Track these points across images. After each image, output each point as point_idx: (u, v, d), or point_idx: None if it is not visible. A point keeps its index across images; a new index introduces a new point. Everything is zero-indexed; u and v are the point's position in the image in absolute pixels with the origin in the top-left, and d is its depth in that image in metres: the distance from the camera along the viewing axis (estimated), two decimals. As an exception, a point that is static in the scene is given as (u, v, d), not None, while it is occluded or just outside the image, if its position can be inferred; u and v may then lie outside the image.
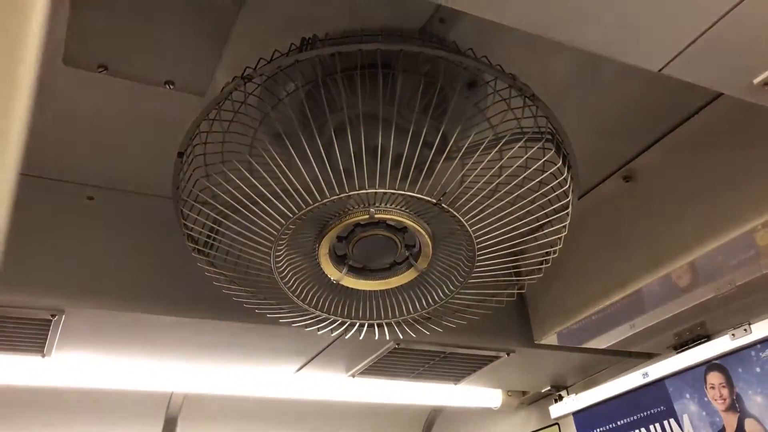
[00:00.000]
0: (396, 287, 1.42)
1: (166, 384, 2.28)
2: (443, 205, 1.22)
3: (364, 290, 1.42)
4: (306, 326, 1.52)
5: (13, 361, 1.95)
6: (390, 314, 1.52)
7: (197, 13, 1.26)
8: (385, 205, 1.22)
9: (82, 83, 1.41)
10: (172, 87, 1.41)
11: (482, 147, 1.20)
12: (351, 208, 1.22)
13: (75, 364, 2.05)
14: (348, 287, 1.43)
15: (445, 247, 1.35)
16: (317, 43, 1.20)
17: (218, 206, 1.26)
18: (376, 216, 1.22)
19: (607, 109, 1.66)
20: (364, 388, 2.49)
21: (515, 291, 1.53)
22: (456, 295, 1.45)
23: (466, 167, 1.21)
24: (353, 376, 2.32)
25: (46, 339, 1.78)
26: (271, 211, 1.22)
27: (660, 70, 1.04)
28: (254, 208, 1.22)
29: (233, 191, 1.21)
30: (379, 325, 1.48)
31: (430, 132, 1.19)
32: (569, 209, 1.35)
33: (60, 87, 1.42)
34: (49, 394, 2.26)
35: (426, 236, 1.28)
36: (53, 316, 1.64)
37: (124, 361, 2.09)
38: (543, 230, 1.39)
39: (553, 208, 1.31)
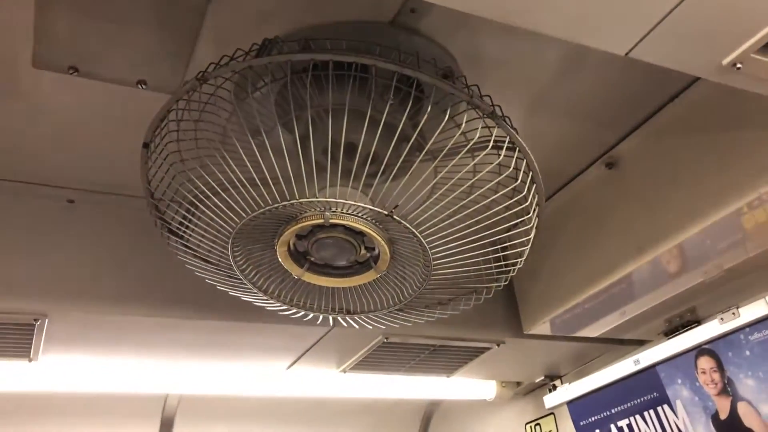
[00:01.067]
0: (357, 285, 1.42)
1: (160, 386, 2.28)
2: (395, 216, 1.21)
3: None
4: (268, 307, 1.52)
5: (1, 367, 1.95)
6: (353, 308, 1.51)
7: (166, 11, 1.25)
8: (341, 210, 1.20)
9: (54, 85, 1.40)
10: (144, 87, 1.40)
11: (441, 155, 1.18)
12: (307, 211, 1.21)
13: (64, 368, 2.05)
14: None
15: (405, 251, 1.34)
16: (279, 44, 1.19)
17: (180, 200, 1.25)
18: (331, 221, 1.21)
19: (586, 96, 1.65)
20: (358, 383, 2.49)
21: (475, 297, 1.52)
22: (416, 297, 1.44)
23: (422, 177, 1.19)
24: (344, 371, 2.32)
25: (31, 343, 1.77)
26: (220, 212, 1.22)
27: (627, 54, 1.04)
28: (208, 203, 1.21)
29: (191, 187, 1.20)
30: (343, 318, 1.48)
31: (396, 131, 1.17)
32: (533, 224, 1.34)
33: (31, 89, 1.41)
34: (40, 399, 2.26)
35: (383, 242, 1.27)
36: (36, 320, 1.64)
37: (116, 363, 2.09)
38: (503, 244, 1.38)
39: (514, 223, 1.30)
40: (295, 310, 1.47)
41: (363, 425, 2.97)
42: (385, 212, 1.20)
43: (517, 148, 1.23)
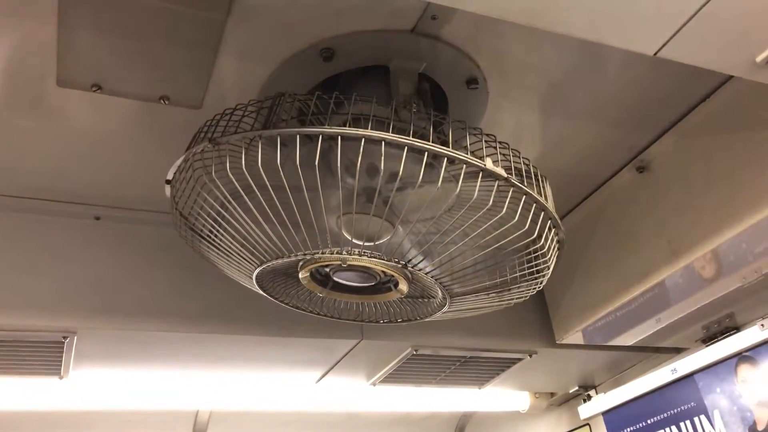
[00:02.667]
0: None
1: (190, 401, 2.28)
2: (410, 268, 1.22)
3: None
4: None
5: (33, 385, 1.96)
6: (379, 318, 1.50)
7: (185, 27, 1.24)
8: (359, 253, 1.20)
9: (78, 103, 1.41)
10: (167, 102, 1.40)
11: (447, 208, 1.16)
12: (324, 254, 1.20)
13: (94, 385, 2.05)
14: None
15: (424, 281, 1.32)
16: (289, 102, 1.18)
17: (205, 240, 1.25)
18: (348, 263, 1.21)
19: (614, 98, 1.61)
20: (388, 396, 2.46)
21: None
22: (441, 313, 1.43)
23: (434, 220, 1.18)
24: (374, 384, 2.29)
25: (61, 360, 1.78)
26: (239, 256, 1.21)
27: (656, 54, 1.00)
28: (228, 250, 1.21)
29: (208, 233, 1.20)
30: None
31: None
32: (549, 265, 1.31)
33: (57, 108, 1.42)
34: (71, 416, 2.28)
35: (401, 277, 1.27)
36: (65, 337, 1.65)
37: (145, 378, 2.10)
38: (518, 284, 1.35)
39: (529, 268, 1.28)
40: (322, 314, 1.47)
41: (395, 438, 2.94)
42: (400, 264, 1.20)
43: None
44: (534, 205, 1.15)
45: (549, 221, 1.20)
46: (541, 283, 1.32)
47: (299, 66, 1.35)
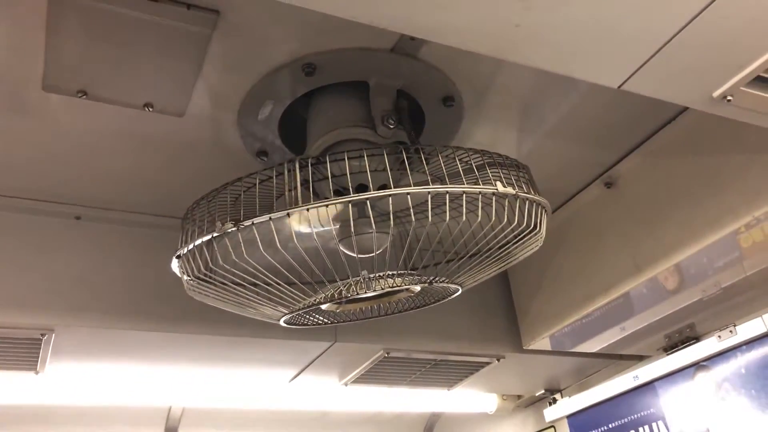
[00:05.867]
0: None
1: (163, 398, 2.31)
2: (434, 283, 1.29)
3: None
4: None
5: (8, 379, 1.98)
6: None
7: (172, 38, 1.28)
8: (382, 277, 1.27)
9: (63, 107, 1.44)
10: (151, 109, 1.44)
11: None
12: (350, 287, 1.27)
13: (70, 380, 2.08)
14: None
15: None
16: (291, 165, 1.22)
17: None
18: (376, 291, 1.27)
19: (584, 118, 1.68)
20: (360, 396, 2.51)
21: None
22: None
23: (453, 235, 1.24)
24: (346, 384, 2.35)
25: (38, 357, 1.81)
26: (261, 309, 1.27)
27: (619, 87, 1.06)
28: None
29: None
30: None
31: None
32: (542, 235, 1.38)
33: (41, 111, 1.44)
34: (45, 410, 2.29)
35: (416, 286, 1.33)
36: (43, 335, 1.67)
37: (120, 375, 2.12)
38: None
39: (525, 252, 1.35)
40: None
41: (365, 436, 2.99)
42: (427, 282, 1.27)
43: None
44: (535, 204, 1.23)
45: (542, 210, 1.27)
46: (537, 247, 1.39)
47: (281, 79, 1.39)
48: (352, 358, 2.14)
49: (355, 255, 1.22)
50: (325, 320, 1.45)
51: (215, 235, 1.11)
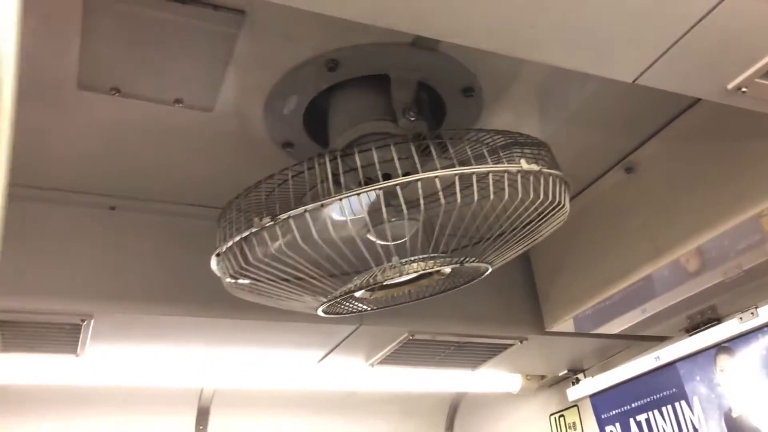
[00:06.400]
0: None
1: (196, 380, 2.40)
2: (465, 264, 1.33)
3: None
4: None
5: (50, 361, 2.08)
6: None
7: (200, 37, 1.33)
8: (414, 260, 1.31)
9: (98, 103, 1.50)
10: (180, 105, 1.49)
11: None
12: (384, 273, 1.31)
13: (108, 363, 2.17)
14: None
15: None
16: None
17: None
18: (409, 274, 1.32)
19: (604, 103, 1.69)
20: (386, 376, 2.58)
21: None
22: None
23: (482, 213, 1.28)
24: (372, 365, 2.41)
25: (78, 341, 1.89)
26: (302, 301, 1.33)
27: (634, 81, 1.09)
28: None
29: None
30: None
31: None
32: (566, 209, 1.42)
33: (77, 108, 1.51)
34: (85, 390, 2.39)
35: (447, 268, 1.37)
36: (83, 320, 1.76)
37: (155, 358, 2.21)
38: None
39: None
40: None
41: (391, 416, 3.06)
42: (458, 263, 1.31)
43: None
44: (558, 179, 1.27)
45: (565, 184, 1.31)
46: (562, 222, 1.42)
47: (305, 75, 1.44)
48: (377, 340, 2.20)
49: (385, 242, 1.27)
50: (361, 307, 1.50)
51: (254, 230, 1.17)
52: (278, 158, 1.63)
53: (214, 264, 1.35)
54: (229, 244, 1.22)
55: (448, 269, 1.36)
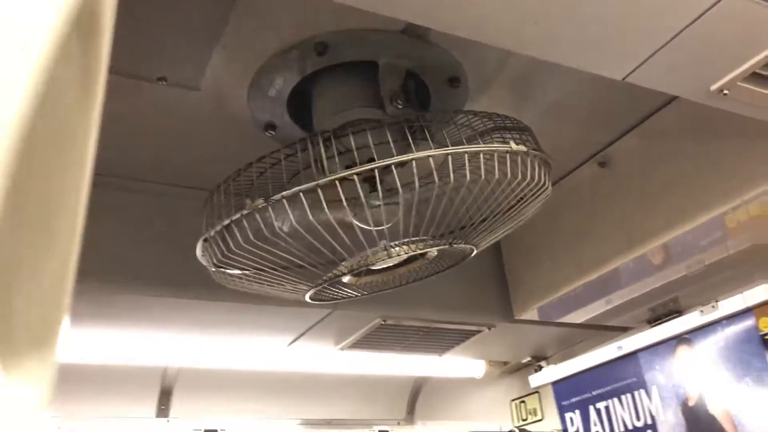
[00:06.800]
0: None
1: (160, 358, 2.38)
2: (454, 244, 1.34)
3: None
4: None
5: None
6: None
7: (190, 16, 1.31)
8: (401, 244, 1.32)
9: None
10: (164, 83, 1.47)
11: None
12: (371, 256, 1.32)
13: (74, 341, 2.14)
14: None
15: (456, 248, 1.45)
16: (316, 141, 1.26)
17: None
18: (397, 256, 1.33)
19: (583, 99, 1.73)
20: (353, 360, 2.60)
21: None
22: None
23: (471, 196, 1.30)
24: (342, 349, 2.43)
25: (47, 319, 1.86)
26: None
27: (624, 79, 1.12)
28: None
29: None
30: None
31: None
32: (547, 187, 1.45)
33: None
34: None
35: (433, 250, 1.38)
36: (55, 298, 1.72)
37: (120, 338, 2.19)
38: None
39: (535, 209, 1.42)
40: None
41: (354, 399, 3.08)
42: (447, 245, 1.32)
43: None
44: (542, 160, 1.30)
45: (548, 166, 1.33)
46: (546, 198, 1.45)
47: (293, 58, 1.43)
48: (349, 324, 2.22)
49: (376, 226, 1.27)
50: (348, 294, 1.51)
51: (245, 212, 1.16)
52: (260, 140, 1.62)
53: (199, 250, 1.34)
54: (218, 228, 1.21)
55: (435, 251, 1.38)
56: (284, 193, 1.13)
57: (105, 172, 1.81)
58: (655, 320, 2.31)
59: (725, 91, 1.14)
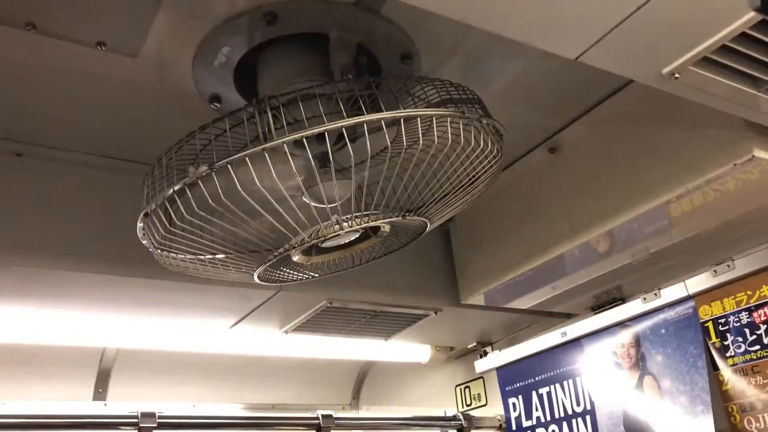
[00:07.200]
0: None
1: (98, 339, 2.30)
2: (408, 216, 1.31)
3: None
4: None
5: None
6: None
7: (129, -25, 1.25)
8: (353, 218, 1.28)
9: (8, 40, 1.38)
10: (103, 48, 1.40)
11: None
12: (320, 231, 1.28)
13: (3, 318, 2.04)
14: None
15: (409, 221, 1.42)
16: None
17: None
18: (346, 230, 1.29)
19: (534, 83, 1.72)
20: (298, 343, 2.56)
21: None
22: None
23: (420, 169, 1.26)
24: (287, 332, 2.38)
25: (-28, 295, 1.77)
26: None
27: (577, 58, 1.11)
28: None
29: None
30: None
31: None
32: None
33: (-15, 42, 1.38)
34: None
35: (387, 225, 1.36)
36: (-19, 273, 1.64)
37: (56, 316, 2.10)
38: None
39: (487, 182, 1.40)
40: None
41: (299, 383, 3.04)
42: (401, 216, 1.30)
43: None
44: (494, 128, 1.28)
45: (498, 134, 1.32)
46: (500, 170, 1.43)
47: (240, 26, 1.37)
48: (294, 306, 2.18)
49: (327, 200, 1.23)
50: (300, 276, 1.47)
51: (188, 180, 1.10)
52: (204, 113, 1.55)
53: (140, 229, 1.28)
54: (160, 200, 1.15)
55: (387, 227, 1.35)
56: (229, 158, 1.08)
57: (33, 141, 1.72)
58: (598, 307, 2.34)
59: (676, 75, 1.14)
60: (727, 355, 1.94)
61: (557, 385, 2.44)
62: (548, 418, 2.45)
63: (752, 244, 1.91)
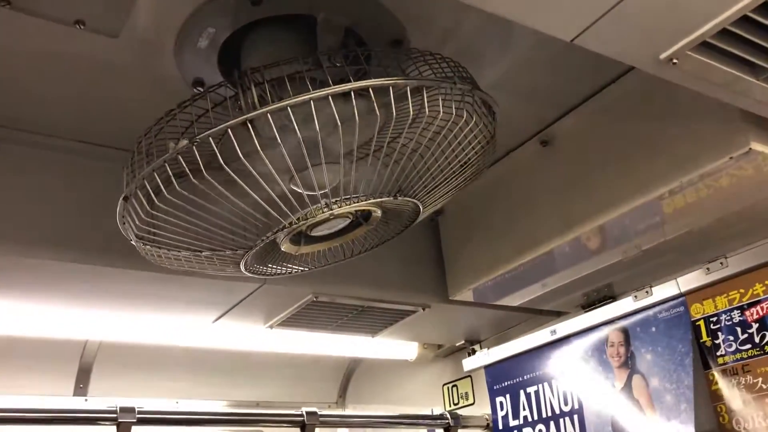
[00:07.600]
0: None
1: (80, 332, 2.25)
2: (400, 197, 1.28)
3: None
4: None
5: None
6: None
7: (109, -50, 1.20)
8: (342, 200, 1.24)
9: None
10: (82, 27, 1.35)
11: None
12: (308, 216, 1.24)
13: (-20, 310, 1.99)
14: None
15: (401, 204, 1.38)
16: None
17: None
18: (336, 213, 1.25)
19: (528, 73, 1.68)
20: (284, 339, 2.52)
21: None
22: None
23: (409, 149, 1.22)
24: (271, 327, 2.34)
25: (-53, 285, 1.71)
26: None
27: (572, 41, 1.07)
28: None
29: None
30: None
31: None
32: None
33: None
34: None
35: (378, 210, 1.31)
36: (-46, 261, 1.58)
37: (36, 308, 2.05)
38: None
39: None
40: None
41: (285, 380, 3.00)
42: (392, 197, 1.26)
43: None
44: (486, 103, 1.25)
45: (490, 110, 1.29)
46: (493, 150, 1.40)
47: (225, 7, 1.33)
48: (279, 300, 2.13)
49: (316, 181, 1.19)
50: (288, 268, 1.42)
51: (168, 156, 1.05)
52: (185, 96, 1.51)
53: (119, 215, 1.23)
54: (139, 180, 1.10)
55: (379, 212, 1.31)
56: (211, 131, 1.03)
57: (9, 125, 1.66)
58: (588, 305, 2.31)
59: (674, 60, 1.10)
60: (718, 354, 1.91)
61: (545, 384, 2.40)
62: (535, 418, 2.41)
63: (746, 241, 1.88)
